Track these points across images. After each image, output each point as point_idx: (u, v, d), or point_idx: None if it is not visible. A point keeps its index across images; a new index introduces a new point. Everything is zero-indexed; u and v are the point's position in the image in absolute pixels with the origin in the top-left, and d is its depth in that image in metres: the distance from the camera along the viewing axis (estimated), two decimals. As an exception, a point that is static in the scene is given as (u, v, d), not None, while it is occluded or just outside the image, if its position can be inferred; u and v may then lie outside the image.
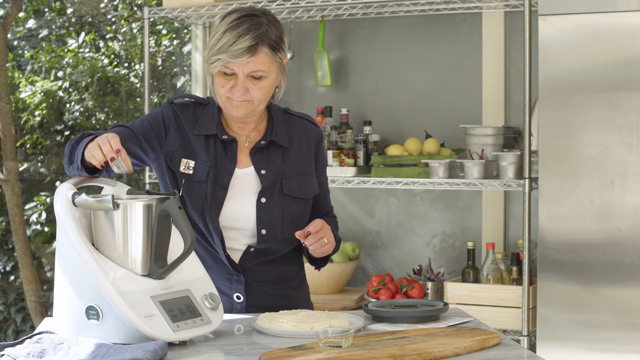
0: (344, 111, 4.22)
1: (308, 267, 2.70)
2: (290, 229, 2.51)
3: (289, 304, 2.57)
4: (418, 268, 4.06)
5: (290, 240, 2.53)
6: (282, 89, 2.54)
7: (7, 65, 5.50)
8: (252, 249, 2.51)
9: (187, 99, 2.58)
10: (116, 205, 2.12)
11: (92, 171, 2.32)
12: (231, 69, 2.41)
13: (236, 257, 2.52)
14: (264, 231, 2.49)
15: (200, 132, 2.51)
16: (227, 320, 2.36)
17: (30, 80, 5.96)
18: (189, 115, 2.54)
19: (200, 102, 2.57)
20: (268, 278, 2.55)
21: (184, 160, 2.50)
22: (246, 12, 2.44)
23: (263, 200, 2.50)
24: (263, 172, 2.50)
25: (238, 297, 2.53)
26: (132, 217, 2.14)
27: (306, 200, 2.56)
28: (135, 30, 5.99)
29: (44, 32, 6.17)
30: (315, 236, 2.43)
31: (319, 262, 2.61)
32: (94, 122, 5.81)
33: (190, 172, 2.48)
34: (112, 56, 5.96)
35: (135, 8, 6.02)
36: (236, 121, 2.53)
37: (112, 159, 2.23)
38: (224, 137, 2.51)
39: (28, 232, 5.61)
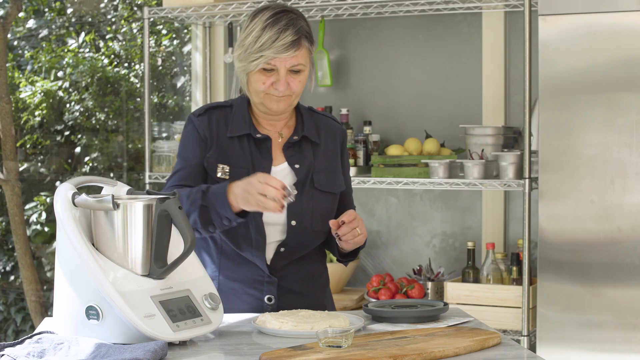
0: (344, 111, 4.22)
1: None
2: (319, 222, 2.55)
3: (315, 304, 2.59)
4: (418, 268, 4.06)
5: (319, 233, 2.56)
6: (312, 81, 2.58)
7: (7, 65, 5.50)
8: (282, 249, 2.53)
9: (210, 107, 2.61)
10: (116, 205, 2.12)
11: (243, 215, 2.40)
12: (272, 64, 2.45)
13: (268, 258, 2.54)
14: (294, 222, 2.51)
15: (233, 133, 2.54)
16: (228, 321, 2.36)
17: (30, 80, 5.96)
18: (219, 119, 2.57)
19: (223, 105, 2.60)
20: (296, 278, 2.58)
21: (219, 166, 2.52)
22: (279, 9, 2.50)
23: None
24: (297, 166, 2.55)
25: (269, 300, 2.54)
26: (132, 217, 2.14)
27: (334, 194, 2.60)
28: (135, 30, 5.99)
29: (44, 32, 6.17)
30: (349, 225, 2.45)
31: (348, 257, 2.62)
32: (93, 122, 5.81)
33: (226, 177, 2.50)
34: (112, 56, 5.96)
35: (135, 8, 6.02)
36: (269, 118, 2.56)
37: (285, 197, 2.30)
38: (258, 135, 2.54)
39: (28, 232, 5.61)
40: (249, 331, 2.25)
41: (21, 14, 6.12)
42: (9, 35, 5.41)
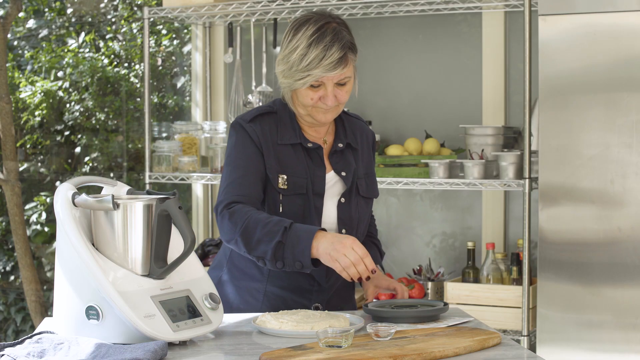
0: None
1: None
2: (363, 227, 2.59)
3: (351, 306, 2.64)
4: (418, 268, 4.06)
5: (361, 238, 2.59)
6: (356, 85, 2.56)
7: (7, 65, 5.50)
8: None
9: (259, 113, 2.56)
10: (116, 205, 2.12)
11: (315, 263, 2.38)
12: (320, 81, 2.43)
13: (322, 270, 2.50)
14: (344, 230, 2.53)
15: (284, 141, 2.51)
16: (228, 321, 2.36)
17: (30, 80, 5.96)
18: (270, 125, 2.53)
19: (269, 111, 2.56)
20: (339, 284, 2.61)
21: (280, 176, 2.49)
22: (321, 22, 2.44)
23: (343, 200, 2.54)
24: (343, 174, 2.55)
25: (317, 308, 2.55)
26: (132, 217, 2.14)
27: (372, 200, 2.63)
28: (135, 30, 5.99)
29: (44, 32, 6.16)
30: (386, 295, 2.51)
31: None
32: (93, 122, 5.81)
33: (285, 186, 2.48)
34: (112, 56, 5.96)
35: (135, 8, 6.02)
36: (314, 125, 2.55)
37: (368, 278, 2.31)
38: (309, 145, 2.53)
39: (28, 232, 5.61)
40: (249, 331, 2.25)
41: (21, 14, 6.12)
42: (9, 35, 5.41)
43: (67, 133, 5.89)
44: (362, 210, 2.58)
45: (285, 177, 2.48)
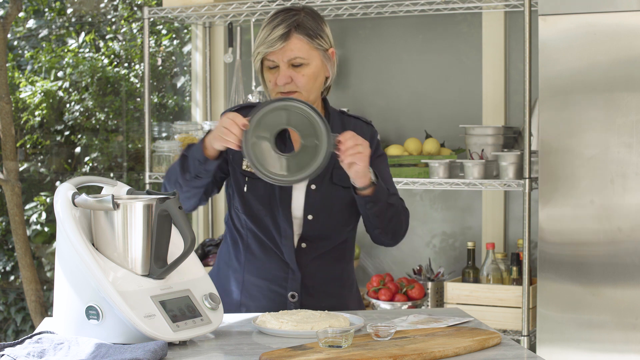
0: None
1: None
2: (338, 217, 2.57)
3: (341, 304, 2.61)
4: (418, 268, 4.06)
5: (339, 228, 2.57)
6: (332, 80, 2.60)
7: (7, 65, 5.50)
8: (303, 245, 2.55)
9: (244, 106, 2.64)
10: (116, 205, 2.12)
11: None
12: (272, 60, 2.49)
13: (291, 254, 2.56)
14: (310, 217, 2.54)
15: None
16: (228, 321, 2.36)
17: (30, 80, 5.96)
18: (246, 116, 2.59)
19: (253, 105, 2.61)
20: (321, 276, 2.59)
21: (244, 160, 2.55)
22: (284, 8, 2.55)
23: (313, 187, 2.55)
24: None
25: (293, 296, 2.56)
26: (132, 217, 2.14)
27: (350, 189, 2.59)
28: (135, 30, 5.99)
29: (44, 32, 6.16)
30: (345, 144, 2.36)
31: (369, 202, 2.49)
32: (93, 122, 5.81)
33: (250, 169, 2.53)
34: (112, 56, 5.96)
35: (135, 8, 6.02)
36: None
37: (245, 125, 2.35)
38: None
39: (28, 232, 5.61)
40: (249, 331, 2.25)
41: (21, 14, 6.12)
42: (9, 35, 5.41)
43: (67, 133, 5.89)
44: (336, 198, 2.57)
45: None
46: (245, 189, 2.56)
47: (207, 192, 2.59)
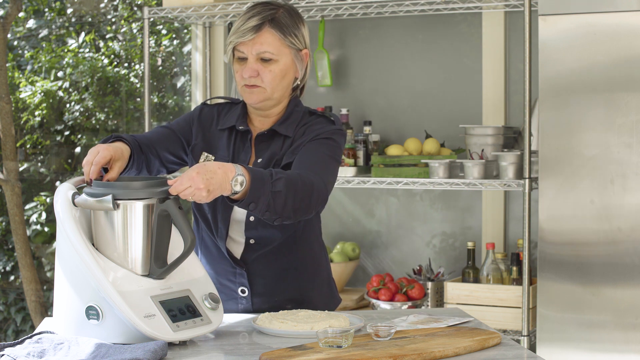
0: (344, 111, 4.22)
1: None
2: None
3: (300, 297, 2.55)
4: (418, 268, 4.06)
5: (283, 227, 2.49)
6: (303, 81, 2.55)
7: (7, 65, 5.50)
8: (251, 241, 2.52)
9: (223, 100, 2.64)
10: (116, 205, 2.12)
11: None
12: (241, 51, 2.46)
13: (238, 250, 2.54)
14: (252, 218, 2.50)
15: (222, 126, 2.57)
16: (228, 321, 2.36)
17: (30, 80, 5.96)
18: (222, 112, 2.61)
19: (234, 102, 2.63)
20: (272, 270, 2.55)
21: (204, 154, 2.55)
22: (265, 1, 2.51)
23: None
24: (259, 160, 2.52)
25: (242, 291, 2.55)
26: (132, 217, 2.14)
27: None
28: (135, 30, 5.99)
29: (44, 32, 6.16)
30: (175, 189, 2.16)
31: (249, 203, 2.24)
32: (93, 122, 5.81)
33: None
34: (112, 56, 5.96)
35: (135, 8, 6.02)
36: (257, 114, 2.56)
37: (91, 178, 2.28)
38: (240, 127, 2.54)
39: (28, 232, 5.61)
40: (249, 331, 2.25)
41: (21, 14, 6.12)
42: (9, 35, 5.41)
43: (67, 133, 5.89)
44: None
45: (213, 158, 2.54)
46: None
47: (149, 167, 2.55)
